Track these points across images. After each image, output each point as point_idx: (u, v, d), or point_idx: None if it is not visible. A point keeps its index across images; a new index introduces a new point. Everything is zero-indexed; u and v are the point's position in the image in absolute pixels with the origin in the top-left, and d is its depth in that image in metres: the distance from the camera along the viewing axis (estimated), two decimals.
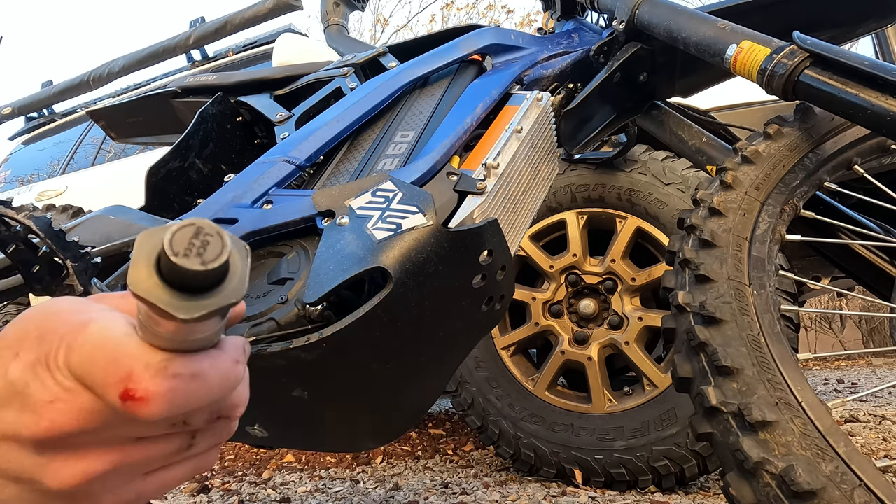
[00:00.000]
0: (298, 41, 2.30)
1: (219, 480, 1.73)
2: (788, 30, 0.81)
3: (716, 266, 0.72)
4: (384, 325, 0.63)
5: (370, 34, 9.07)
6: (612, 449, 1.42)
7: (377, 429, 0.77)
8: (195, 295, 0.22)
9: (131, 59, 2.43)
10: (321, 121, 0.87)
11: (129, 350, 0.25)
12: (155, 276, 0.22)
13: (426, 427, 2.37)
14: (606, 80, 1.07)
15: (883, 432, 2.04)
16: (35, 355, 0.26)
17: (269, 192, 0.76)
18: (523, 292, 1.60)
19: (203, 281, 0.22)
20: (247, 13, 2.26)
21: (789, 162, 0.81)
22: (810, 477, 0.55)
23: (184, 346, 0.25)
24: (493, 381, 1.58)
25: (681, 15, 0.95)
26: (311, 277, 0.63)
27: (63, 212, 1.93)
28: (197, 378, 0.26)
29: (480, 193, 0.75)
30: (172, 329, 0.24)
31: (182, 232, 0.21)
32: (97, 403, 0.26)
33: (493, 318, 0.79)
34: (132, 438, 0.29)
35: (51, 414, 0.26)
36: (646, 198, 1.50)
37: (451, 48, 0.97)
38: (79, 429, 0.26)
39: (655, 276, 1.48)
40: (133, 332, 0.25)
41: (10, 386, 0.26)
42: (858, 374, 4.49)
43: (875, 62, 0.71)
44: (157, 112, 1.15)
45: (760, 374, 0.62)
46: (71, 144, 3.29)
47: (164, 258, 0.21)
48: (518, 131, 0.87)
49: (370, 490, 1.56)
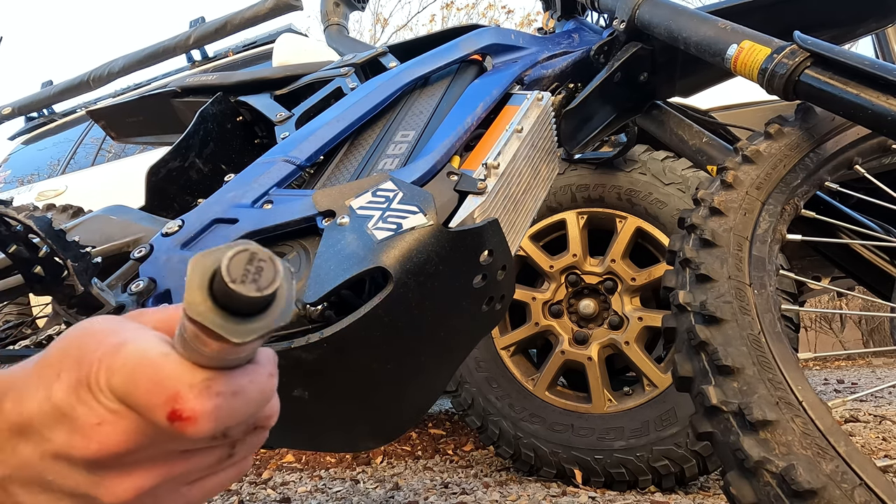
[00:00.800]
0: (298, 41, 2.30)
1: None
2: (789, 30, 0.81)
3: (716, 265, 0.72)
4: (385, 325, 0.63)
5: (370, 34, 9.07)
6: (612, 449, 1.42)
7: (377, 429, 0.77)
8: (245, 318, 0.23)
9: (131, 59, 2.43)
10: (321, 121, 0.87)
11: (170, 371, 0.25)
12: (209, 300, 0.22)
13: (426, 427, 2.37)
14: (607, 80, 1.07)
15: (883, 432, 2.04)
16: (76, 376, 0.27)
17: (269, 192, 0.76)
18: (523, 292, 1.60)
19: (258, 306, 0.23)
20: (247, 13, 2.26)
21: (790, 162, 0.81)
22: (811, 476, 0.55)
23: (224, 363, 0.26)
24: (493, 381, 1.58)
25: (681, 15, 0.95)
26: (312, 277, 0.63)
27: (63, 212, 1.93)
28: (238, 395, 0.26)
29: (481, 193, 0.75)
30: (220, 349, 0.24)
31: (238, 258, 0.22)
32: (143, 424, 0.26)
33: (493, 318, 0.79)
34: (177, 452, 0.30)
35: (99, 436, 0.26)
36: (646, 198, 1.50)
37: (452, 48, 0.97)
38: (127, 449, 0.27)
39: (655, 276, 1.48)
40: (170, 350, 0.26)
41: (57, 408, 0.27)
42: (858, 374, 4.49)
43: (876, 62, 0.71)
44: (157, 112, 1.15)
45: (761, 373, 0.62)
46: (71, 144, 3.29)
47: (218, 283, 0.22)
48: (518, 131, 0.87)
49: (370, 490, 1.56)
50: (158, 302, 0.65)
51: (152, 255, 0.69)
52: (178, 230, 0.72)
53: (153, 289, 0.66)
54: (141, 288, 0.65)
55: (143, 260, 0.69)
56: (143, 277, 0.67)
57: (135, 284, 0.66)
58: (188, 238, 0.71)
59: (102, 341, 0.27)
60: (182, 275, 0.67)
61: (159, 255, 0.69)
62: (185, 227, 0.72)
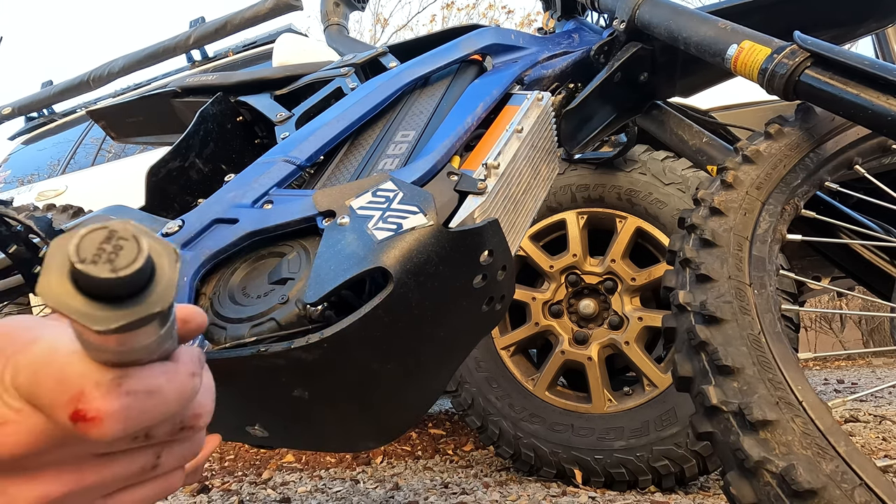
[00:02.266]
0: (298, 41, 2.30)
1: (219, 480, 1.73)
2: (789, 30, 0.81)
3: (716, 265, 0.72)
4: (385, 325, 0.63)
5: (370, 34, 9.07)
6: (612, 449, 1.42)
7: (377, 429, 0.77)
8: (116, 304, 0.21)
9: (131, 59, 2.43)
10: (321, 121, 0.87)
11: (77, 368, 0.24)
12: (68, 283, 0.20)
13: (426, 427, 2.37)
14: (607, 80, 1.07)
15: (883, 432, 2.04)
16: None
17: (269, 192, 0.76)
18: (523, 292, 1.60)
19: (119, 289, 0.20)
20: (247, 13, 2.26)
21: (790, 162, 0.81)
22: (811, 476, 0.55)
23: (131, 359, 0.24)
24: (493, 381, 1.58)
25: (681, 15, 0.95)
26: (312, 277, 0.63)
27: (63, 212, 1.93)
28: (153, 394, 0.25)
29: (481, 193, 0.75)
30: (105, 342, 0.22)
31: (91, 236, 0.20)
32: (48, 424, 0.25)
33: (493, 318, 0.79)
34: (93, 456, 0.28)
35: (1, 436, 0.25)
36: (646, 198, 1.50)
37: (452, 48, 0.97)
38: (30, 450, 0.25)
39: (655, 276, 1.48)
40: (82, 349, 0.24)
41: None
42: (858, 374, 4.49)
43: (876, 62, 0.71)
44: (157, 112, 1.15)
45: (761, 373, 0.62)
46: (71, 144, 3.29)
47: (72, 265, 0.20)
48: (518, 131, 0.87)
49: (370, 490, 1.56)
50: None
51: None
52: (178, 230, 0.72)
53: None
54: None
55: None
56: None
57: None
58: (188, 238, 0.71)
59: (15, 339, 0.26)
60: (182, 275, 0.67)
61: None
62: (185, 227, 0.72)
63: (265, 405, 0.67)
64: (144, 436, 0.28)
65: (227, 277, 0.69)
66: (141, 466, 0.29)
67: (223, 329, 0.64)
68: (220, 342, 0.63)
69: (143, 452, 0.29)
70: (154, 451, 0.30)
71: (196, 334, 0.32)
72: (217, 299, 0.67)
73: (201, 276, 0.69)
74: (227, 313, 0.65)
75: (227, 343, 0.62)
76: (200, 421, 0.30)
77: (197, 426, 0.30)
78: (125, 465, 0.29)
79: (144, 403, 0.25)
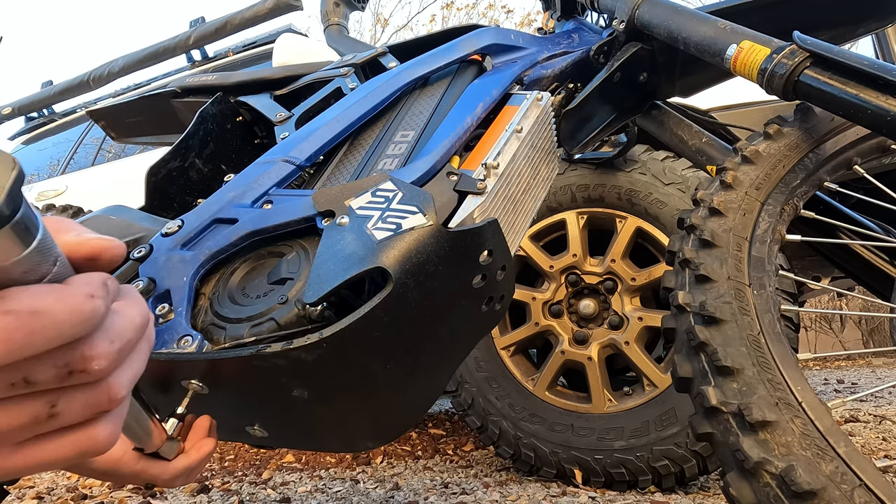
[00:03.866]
0: (298, 41, 2.30)
1: (219, 480, 1.73)
2: (788, 30, 0.81)
3: (716, 266, 0.72)
4: (384, 325, 0.63)
5: (370, 34, 9.07)
6: (612, 449, 1.42)
7: (377, 429, 0.77)
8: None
9: (131, 59, 2.43)
10: (321, 121, 0.87)
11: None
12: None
13: (426, 427, 2.37)
14: (606, 80, 1.07)
15: (883, 432, 2.04)
16: None
17: (269, 192, 0.76)
18: (523, 292, 1.60)
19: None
20: (247, 13, 2.27)
21: (789, 162, 0.81)
22: (810, 477, 0.55)
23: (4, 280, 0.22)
24: (493, 381, 1.58)
25: (681, 15, 0.95)
26: (312, 277, 0.63)
27: (63, 212, 1.93)
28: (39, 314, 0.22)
29: (480, 193, 0.75)
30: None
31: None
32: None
33: (493, 318, 0.79)
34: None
35: None
36: (646, 198, 1.50)
37: (451, 48, 0.97)
38: None
39: (655, 276, 1.48)
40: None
41: None
42: (858, 374, 4.49)
43: (875, 62, 0.71)
44: (157, 112, 1.15)
45: (760, 373, 0.62)
46: (71, 144, 3.29)
47: None
48: (518, 131, 0.87)
49: (370, 490, 1.56)
50: (158, 302, 0.65)
51: (152, 256, 0.69)
52: (177, 230, 0.72)
53: (153, 289, 0.66)
54: (140, 288, 0.65)
55: (143, 260, 0.69)
56: (142, 277, 0.67)
57: (134, 284, 0.66)
58: (188, 238, 0.71)
59: None
60: (182, 275, 0.67)
61: (159, 256, 0.69)
62: (185, 227, 0.72)
63: (265, 405, 0.67)
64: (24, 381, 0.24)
65: (226, 277, 0.69)
66: (33, 416, 0.26)
67: (223, 329, 0.64)
68: (220, 342, 0.63)
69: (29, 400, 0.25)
70: (45, 399, 0.26)
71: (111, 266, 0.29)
72: (216, 299, 0.67)
73: (201, 276, 0.69)
74: (227, 313, 0.65)
75: (226, 343, 0.62)
76: (93, 364, 0.26)
77: (89, 370, 0.26)
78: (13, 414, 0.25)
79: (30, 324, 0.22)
